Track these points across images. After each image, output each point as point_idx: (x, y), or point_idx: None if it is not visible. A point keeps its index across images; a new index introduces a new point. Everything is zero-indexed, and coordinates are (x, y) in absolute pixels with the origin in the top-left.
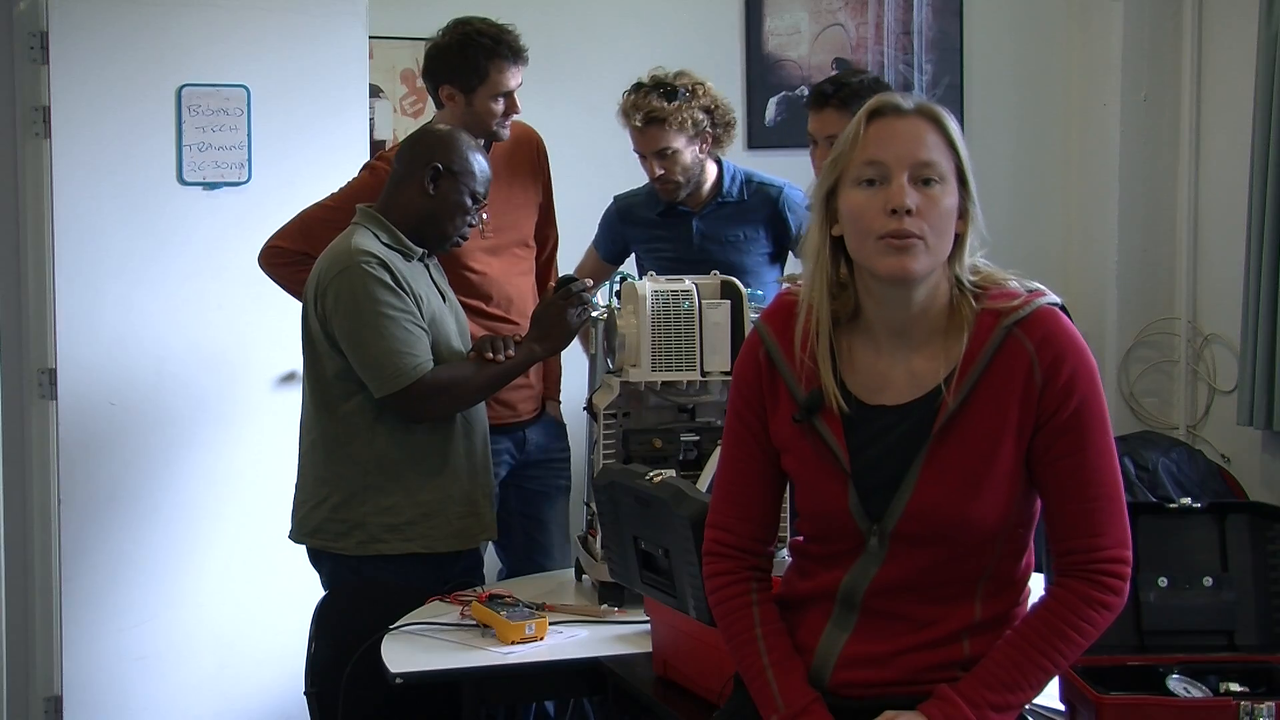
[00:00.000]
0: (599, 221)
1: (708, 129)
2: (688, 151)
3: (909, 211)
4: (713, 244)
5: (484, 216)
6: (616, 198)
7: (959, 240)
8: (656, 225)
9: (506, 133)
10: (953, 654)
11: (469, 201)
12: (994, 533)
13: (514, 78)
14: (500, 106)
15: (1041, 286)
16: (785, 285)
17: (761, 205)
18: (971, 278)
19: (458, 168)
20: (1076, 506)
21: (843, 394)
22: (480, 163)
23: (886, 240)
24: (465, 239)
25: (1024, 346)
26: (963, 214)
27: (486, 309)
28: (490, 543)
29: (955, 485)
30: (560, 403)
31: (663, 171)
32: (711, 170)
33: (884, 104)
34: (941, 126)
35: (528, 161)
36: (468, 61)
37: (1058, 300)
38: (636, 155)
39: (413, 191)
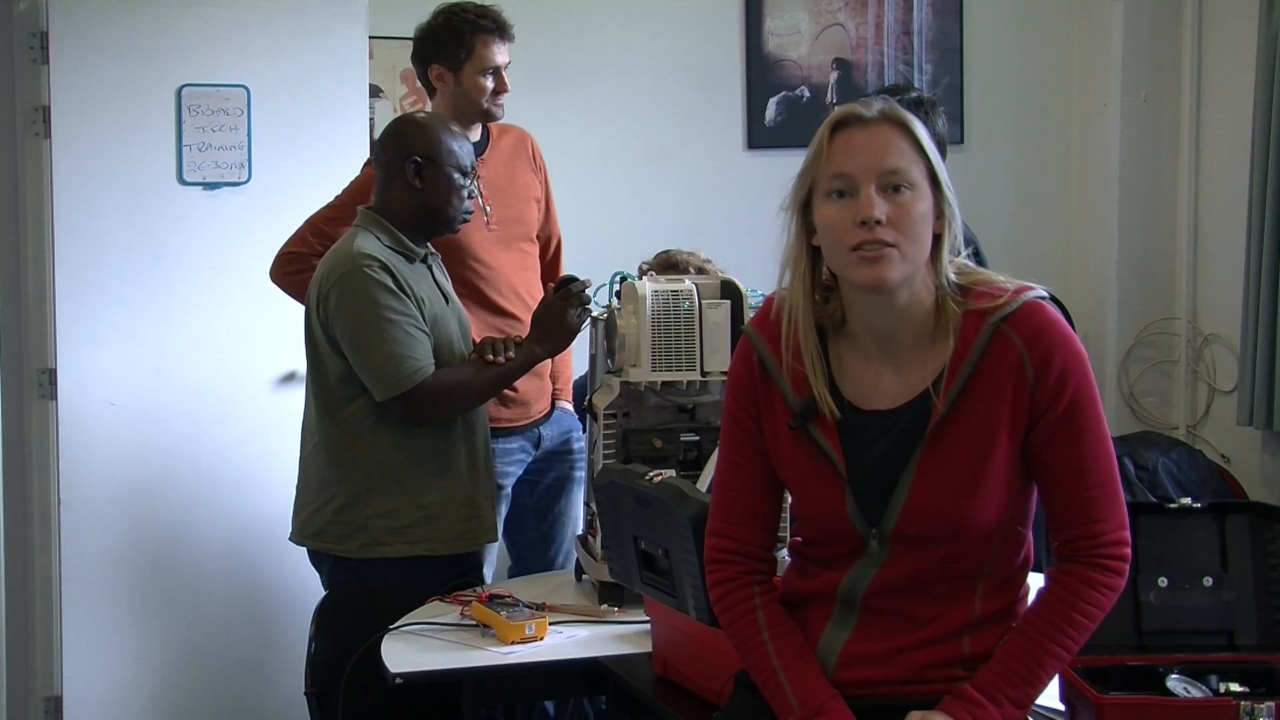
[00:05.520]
0: None
1: None
2: None
3: (878, 221)
4: None
5: (487, 209)
6: None
7: (938, 241)
8: None
9: (501, 111)
10: (953, 651)
11: (459, 178)
12: (991, 530)
13: (500, 53)
14: (489, 83)
15: (1030, 283)
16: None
17: None
18: (958, 279)
19: (435, 153)
20: (1076, 495)
21: (836, 401)
22: (457, 138)
23: (859, 252)
24: (470, 213)
25: (1013, 342)
26: (939, 215)
27: (497, 303)
28: (500, 539)
29: (950, 486)
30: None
31: None
32: None
33: (847, 115)
34: (908, 131)
35: (525, 157)
36: (453, 37)
37: (1045, 293)
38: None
39: (401, 189)
